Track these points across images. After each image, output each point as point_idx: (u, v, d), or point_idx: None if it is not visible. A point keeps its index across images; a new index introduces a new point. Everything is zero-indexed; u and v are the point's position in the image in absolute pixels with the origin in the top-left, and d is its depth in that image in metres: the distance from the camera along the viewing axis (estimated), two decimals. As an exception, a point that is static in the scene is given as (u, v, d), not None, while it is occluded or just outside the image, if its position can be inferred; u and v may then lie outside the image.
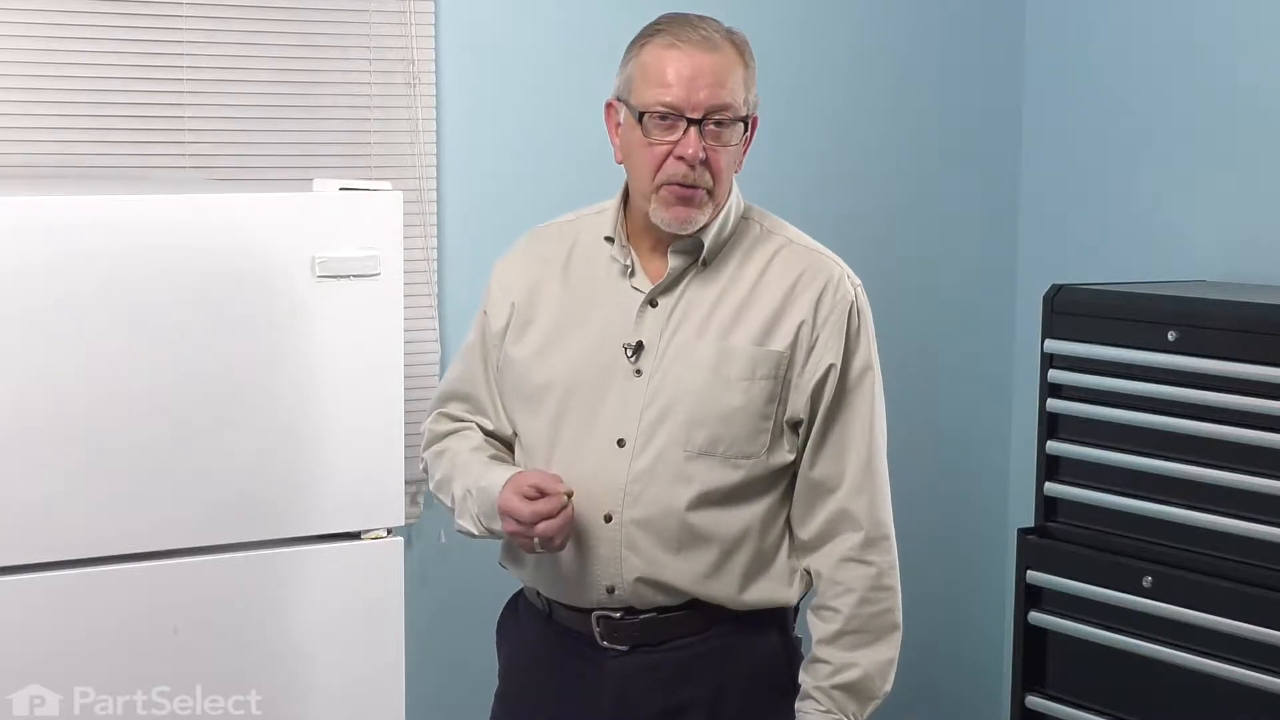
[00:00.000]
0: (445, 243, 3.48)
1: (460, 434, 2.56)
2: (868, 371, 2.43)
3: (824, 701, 2.39)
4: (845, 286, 2.43)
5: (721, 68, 2.34)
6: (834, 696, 2.39)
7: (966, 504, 4.15)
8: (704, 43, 2.34)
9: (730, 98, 2.34)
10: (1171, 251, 3.74)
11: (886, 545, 2.43)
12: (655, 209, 2.37)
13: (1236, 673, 3.08)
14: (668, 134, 2.33)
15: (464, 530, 2.51)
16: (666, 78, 2.33)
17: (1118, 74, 3.88)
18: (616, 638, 2.43)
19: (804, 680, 2.42)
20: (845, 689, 2.39)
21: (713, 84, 2.33)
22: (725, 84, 2.34)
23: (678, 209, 2.36)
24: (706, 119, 2.33)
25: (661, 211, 2.37)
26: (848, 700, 2.39)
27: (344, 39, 3.36)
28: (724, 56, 2.35)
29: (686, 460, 2.38)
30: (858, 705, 2.40)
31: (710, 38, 2.35)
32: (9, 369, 2.48)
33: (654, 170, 2.35)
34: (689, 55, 2.33)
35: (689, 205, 2.36)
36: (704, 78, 2.32)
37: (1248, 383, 3.07)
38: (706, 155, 2.33)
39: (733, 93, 2.34)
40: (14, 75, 3.09)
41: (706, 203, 2.37)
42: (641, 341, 2.41)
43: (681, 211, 2.36)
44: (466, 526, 2.49)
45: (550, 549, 2.37)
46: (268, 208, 2.68)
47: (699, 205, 2.37)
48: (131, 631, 2.59)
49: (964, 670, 4.17)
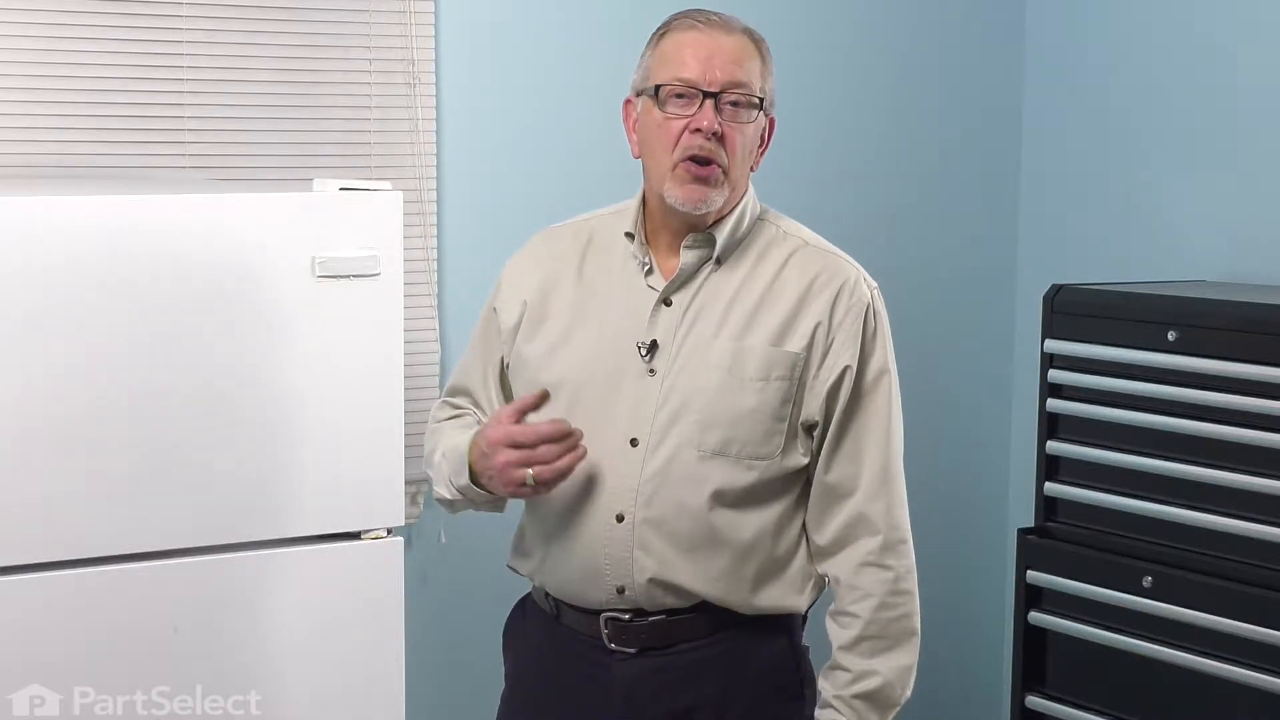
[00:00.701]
0: (445, 243, 3.48)
1: (457, 418, 2.58)
2: (884, 375, 2.43)
3: (845, 711, 2.38)
4: (862, 289, 2.43)
5: (739, 49, 2.37)
6: (855, 706, 2.38)
7: (966, 504, 4.15)
8: (722, 24, 2.39)
9: (746, 77, 2.36)
10: (1171, 251, 3.74)
11: (904, 549, 2.42)
12: (670, 188, 2.37)
13: (1236, 673, 3.08)
14: (685, 109, 2.35)
15: (440, 498, 2.52)
16: (684, 56, 2.36)
17: (1118, 74, 3.88)
18: (624, 640, 2.42)
19: (823, 688, 2.41)
20: (865, 698, 2.38)
21: (729, 62, 2.36)
22: (741, 64, 2.36)
23: (692, 187, 2.36)
24: (723, 95, 2.35)
25: (676, 190, 2.37)
26: (868, 709, 2.38)
27: (344, 39, 3.36)
28: (741, 41, 2.38)
29: (700, 461, 2.38)
30: (879, 714, 2.39)
31: (728, 22, 2.40)
32: (9, 369, 2.48)
33: (671, 145, 2.36)
34: (707, 35, 2.37)
35: (704, 184, 2.36)
36: (721, 56, 2.36)
37: (1248, 383, 3.07)
38: (723, 131, 2.35)
39: (749, 74, 2.37)
40: (14, 75, 3.09)
41: (722, 183, 2.37)
42: (655, 340, 2.41)
43: (696, 190, 2.36)
44: (441, 492, 2.50)
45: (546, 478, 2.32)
46: (268, 208, 2.67)
47: (714, 185, 2.37)
48: (131, 631, 2.59)
49: (964, 670, 4.17)
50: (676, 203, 2.38)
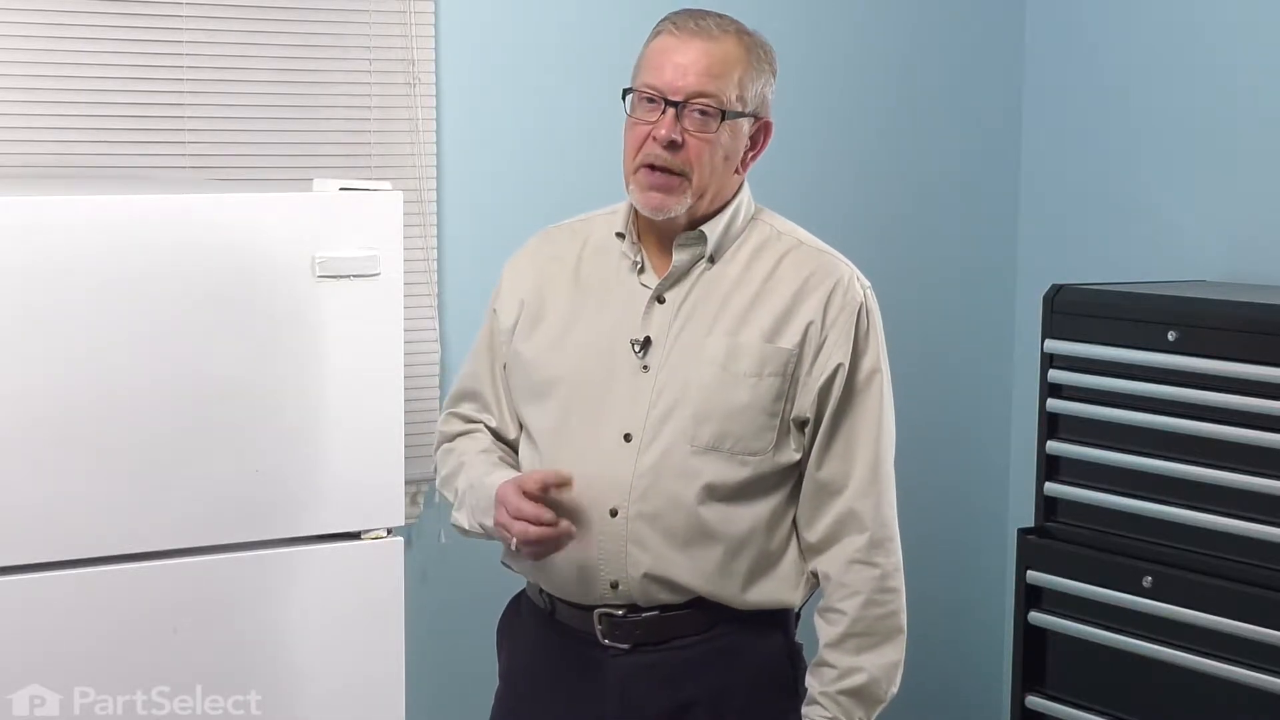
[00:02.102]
0: (445, 243, 3.48)
1: (470, 435, 2.57)
2: (876, 373, 2.44)
3: (831, 707, 2.39)
4: (855, 288, 2.44)
5: (715, 57, 2.35)
6: (841, 702, 2.39)
7: (966, 504, 4.15)
8: (700, 31, 2.36)
9: (717, 88, 2.35)
10: (1171, 251, 3.74)
11: (892, 547, 2.44)
12: (632, 191, 2.40)
13: (1236, 673, 3.08)
14: (649, 115, 2.36)
15: (457, 525, 2.52)
16: (660, 61, 2.36)
17: (1118, 74, 3.88)
18: (618, 636, 2.43)
19: (810, 684, 2.43)
20: (851, 694, 2.40)
21: (701, 72, 2.34)
22: (715, 73, 2.35)
23: (651, 194, 2.37)
24: (688, 104, 2.34)
25: (637, 195, 2.39)
26: (854, 705, 2.40)
27: (344, 39, 3.36)
28: (721, 47, 2.36)
29: (693, 455, 2.39)
30: (864, 710, 2.41)
31: (708, 28, 2.37)
32: (9, 369, 2.48)
33: (635, 150, 2.38)
34: (683, 41, 2.36)
35: (663, 192, 2.37)
36: (694, 65, 2.34)
37: (1248, 383, 3.07)
38: (684, 140, 2.34)
39: (722, 84, 2.35)
40: (14, 75, 3.09)
41: (684, 191, 2.37)
42: (649, 337, 2.42)
43: (655, 197, 2.37)
44: (460, 521, 2.51)
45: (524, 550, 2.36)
46: (268, 208, 2.68)
47: (675, 193, 2.37)
48: (131, 631, 2.59)
49: (964, 670, 4.17)
50: (639, 207, 2.40)
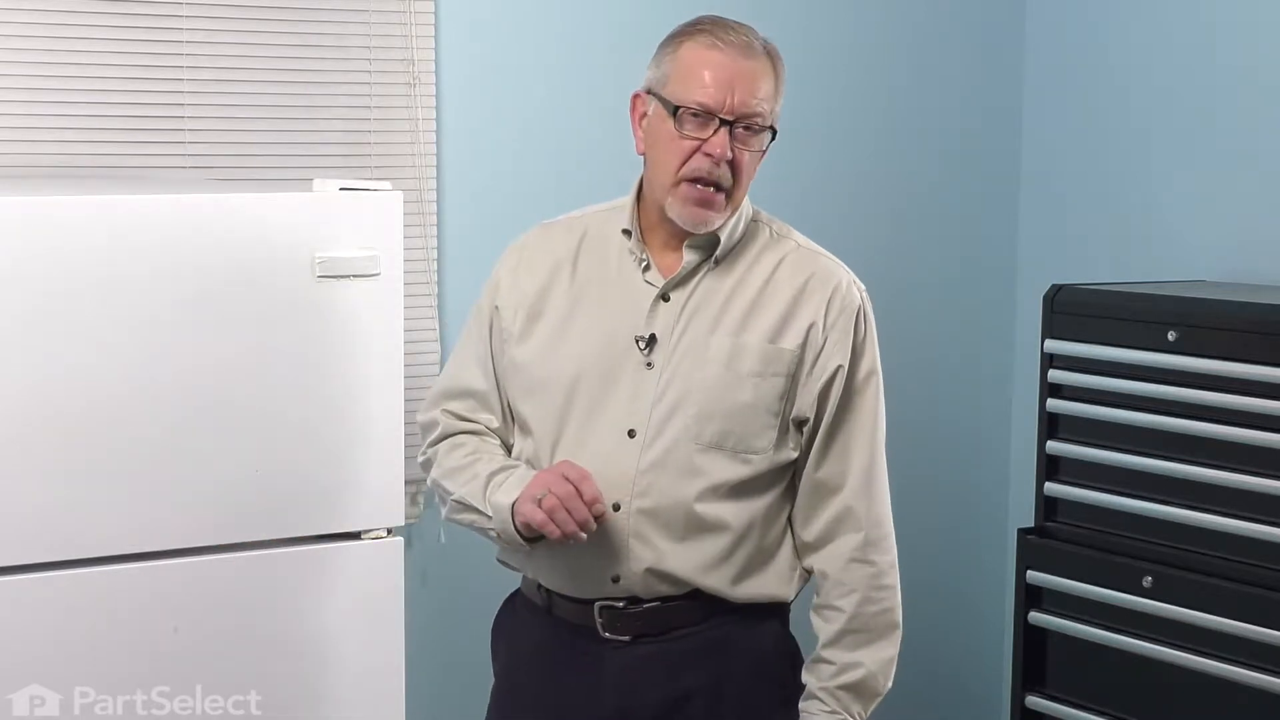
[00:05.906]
0: (445, 243, 3.48)
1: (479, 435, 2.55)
2: (872, 376, 2.49)
3: (829, 702, 2.44)
4: (853, 292, 2.49)
5: (758, 75, 2.39)
6: (839, 697, 2.44)
7: (966, 504, 4.15)
8: (745, 48, 2.39)
9: (761, 106, 2.39)
10: (1171, 251, 3.74)
11: (887, 545, 2.48)
12: (673, 203, 2.41)
13: (1236, 673, 3.08)
14: (699, 131, 2.37)
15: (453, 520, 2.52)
16: (705, 78, 2.37)
17: (1117, 74, 3.88)
18: (619, 628, 2.45)
19: (808, 680, 2.47)
20: (849, 689, 2.44)
21: (748, 90, 2.38)
22: (759, 92, 2.39)
23: (695, 209, 2.40)
24: (738, 122, 2.37)
25: (679, 207, 2.41)
26: (852, 700, 2.45)
27: (344, 39, 3.36)
28: (760, 64, 2.40)
29: (697, 453, 2.42)
30: (861, 705, 2.46)
31: (751, 44, 2.40)
32: (9, 369, 2.48)
33: (680, 163, 2.39)
34: (729, 58, 2.38)
35: (707, 208, 2.40)
36: (741, 82, 2.37)
37: (1248, 383, 3.07)
38: (733, 155, 2.38)
39: (764, 101, 2.39)
40: (14, 75, 3.09)
41: (725, 206, 2.42)
42: (654, 334, 2.44)
43: (699, 212, 2.41)
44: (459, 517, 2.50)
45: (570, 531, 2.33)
46: (268, 208, 2.67)
47: (717, 208, 2.41)
48: (131, 631, 2.59)
49: (964, 670, 4.17)
50: (678, 218, 2.42)
